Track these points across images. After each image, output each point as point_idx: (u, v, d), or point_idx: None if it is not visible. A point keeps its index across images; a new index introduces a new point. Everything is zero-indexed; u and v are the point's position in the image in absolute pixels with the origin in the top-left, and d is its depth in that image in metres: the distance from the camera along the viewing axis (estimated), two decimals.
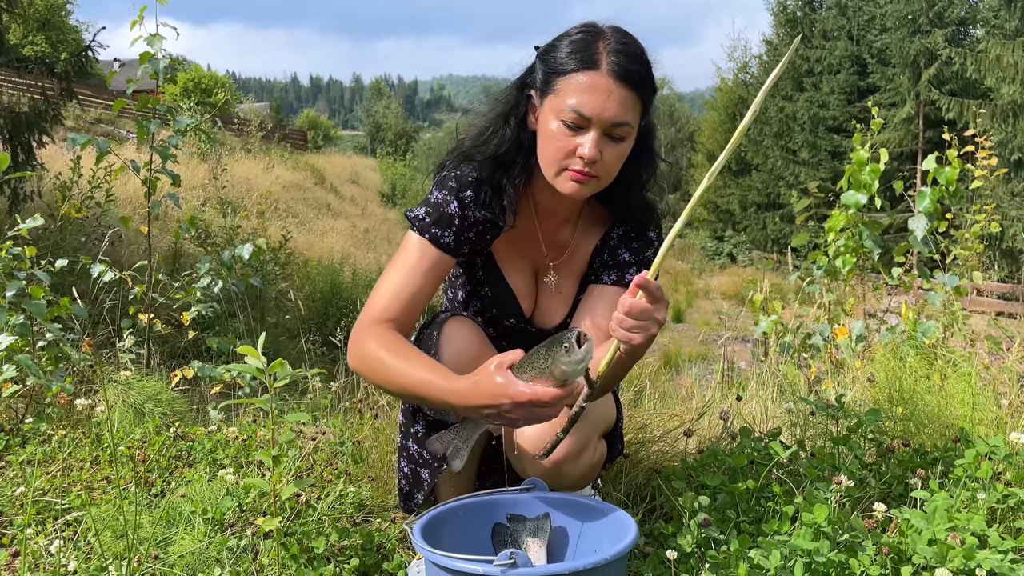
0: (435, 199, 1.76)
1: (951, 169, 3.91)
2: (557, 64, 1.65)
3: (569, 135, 1.63)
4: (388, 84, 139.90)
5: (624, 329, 1.49)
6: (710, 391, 3.57)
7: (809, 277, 4.46)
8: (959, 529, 1.57)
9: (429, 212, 1.75)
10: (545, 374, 1.41)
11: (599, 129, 1.61)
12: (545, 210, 1.87)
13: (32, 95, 8.91)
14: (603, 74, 1.60)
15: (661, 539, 1.82)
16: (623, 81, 1.60)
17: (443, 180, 1.78)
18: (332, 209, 20.12)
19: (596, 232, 1.91)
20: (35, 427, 2.87)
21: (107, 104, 21.39)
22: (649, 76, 1.66)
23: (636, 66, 1.62)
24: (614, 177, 1.71)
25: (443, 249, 1.74)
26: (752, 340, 6.38)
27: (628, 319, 1.47)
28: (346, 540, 1.88)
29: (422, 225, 1.74)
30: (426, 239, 1.74)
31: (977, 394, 2.46)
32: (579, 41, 1.64)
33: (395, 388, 1.61)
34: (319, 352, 6.85)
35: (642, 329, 1.48)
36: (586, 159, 1.62)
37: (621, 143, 1.65)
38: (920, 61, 26.86)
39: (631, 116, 1.63)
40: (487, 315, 1.92)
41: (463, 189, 1.76)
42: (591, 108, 1.60)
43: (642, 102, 1.65)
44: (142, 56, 3.73)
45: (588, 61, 1.61)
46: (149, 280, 4.01)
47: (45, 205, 8.08)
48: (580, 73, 1.61)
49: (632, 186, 1.82)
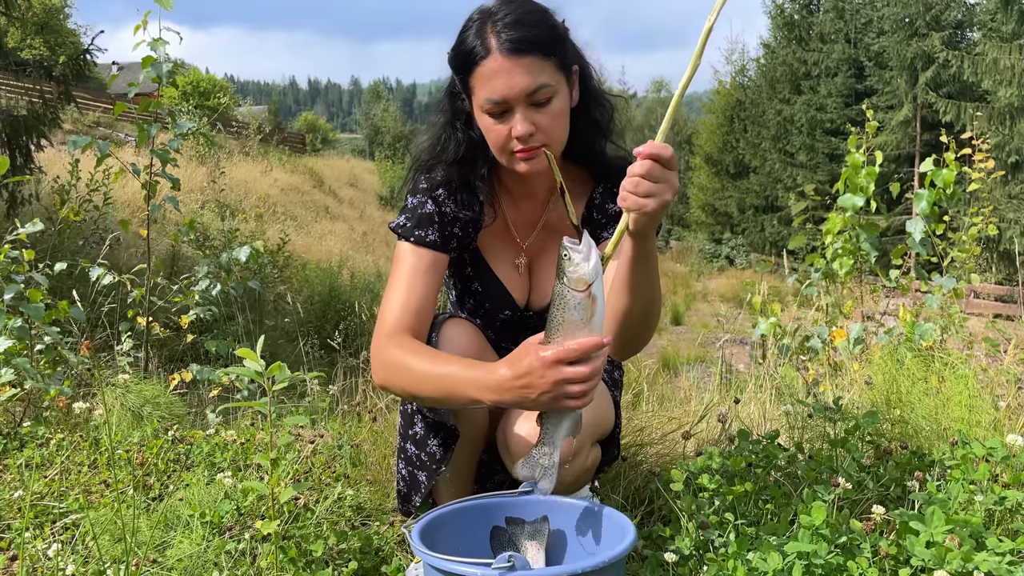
0: (411, 204, 1.81)
1: (948, 172, 3.92)
2: (460, 66, 1.70)
3: (499, 123, 1.66)
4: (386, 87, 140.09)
5: (638, 195, 1.43)
6: (708, 393, 3.57)
7: (807, 280, 4.47)
8: (957, 531, 1.58)
9: (408, 217, 1.80)
10: (568, 321, 1.38)
11: (519, 104, 1.63)
12: (520, 194, 1.89)
13: (30, 98, 8.91)
14: (496, 56, 1.62)
15: (660, 542, 1.82)
16: (517, 53, 1.62)
17: (415, 186, 1.84)
18: (330, 212, 20.13)
19: (580, 200, 1.91)
20: (33, 431, 2.87)
21: (105, 107, 21.39)
22: (544, 32, 1.66)
23: (526, 31, 1.63)
24: (565, 134, 1.72)
25: (432, 247, 1.77)
26: (750, 342, 6.39)
27: (645, 181, 1.42)
28: (344, 543, 1.88)
29: (405, 231, 1.79)
30: (412, 243, 1.77)
31: (975, 396, 2.46)
32: (470, 33, 1.67)
33: (423, 390, 1.61)
34: (317, 355, 6.85)
35: (657, 194, 1.43)
36: (521, 137, 1.64)
37: (550, 104, 1.65)
38: (917, 64, 26.90)
39: (544, 77, 1.63)
40: (481, 311, 1.93)
41: (435, 188, 1.81)
42: (501, 92, 1.62)
43: (551, 57, 1.65)
44: (144, 60, 3.74)
45: (482, 50, 1.64)
46: (148, 283, 4.01)
47: (43, 208, 8.07)
48: (479, 65, 1.65)
49: (594, 133, 1.82)
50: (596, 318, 1.41)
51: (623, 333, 1.67)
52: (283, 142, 27.95)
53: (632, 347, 1.75)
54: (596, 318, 1.41)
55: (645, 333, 1.71)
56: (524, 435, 1.69)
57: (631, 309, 1.63)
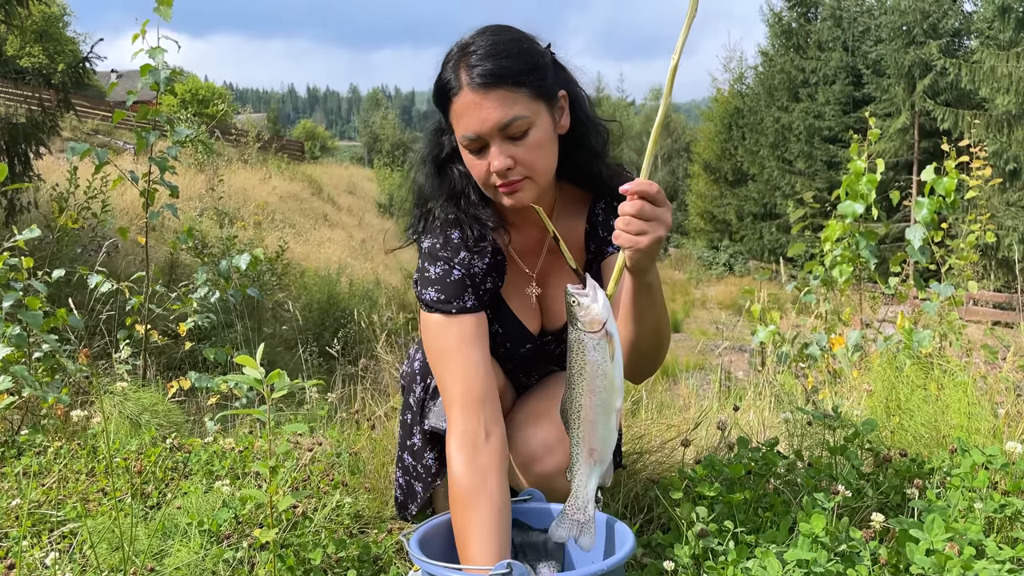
0: (436, 274, 1.72)
1: (949, 180, 3.91)
2: (438, 101, 1.67)
3: (478, 159, 1.62)
4: (385, 95, 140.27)
5: (631, 233, 1.42)
6: (707, 401, 3.57)
7: (806, 287, 4.47)
8: (957, 539, 1.57)
9: (440, 290, 1.71)
10: (591, 362, 1.38)
11: (494, 139, 1.59)
12: (521, 222, 1.83)
13: (29, 106, 8.92)
14: (466, 92, 1.58)
15: (659, 550, 1.82)
16: (486, 88, 1.57)
17: (432, 252, 1.75)
18: (329, 219, 20.14)
19: (579, 218, 1.86)
20: (31, 439, 2.86)
21: (104, 115, 21.41)
22: (516, 62, 1.60)
23: (494, 63, 1.58)
24: (549, 164, 1.67)
25: (472, 312, 1.71)
26: (749, 350, 6.39)
27: (636, 220, 1.41)
28: (343, 551, 1.88)
29: (442, 305, 1.70)
30: (453, 315, 1.70)
31: (973, 403, 2.46)
32: (444, 71, 1.64)
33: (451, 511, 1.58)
34: (316, 362, 6.84)
35: (650, 231, 1.42)
36: (498, 172, 1.60)
37: (526, 136, 1.60)
38: (915, 72, 26.97)
39: (517, 108, 1.58)
40: (501, 350, 1.87)
41: (456, 252, 1.73)
42: (474, 128, 1.58)
43: (524, 88, 1.59)
44: (143, 68, 3.75)
45: (454, 86, 1.60)
46: (147, 291, 4.01)
47: (42, 216, 8.07)
48: (452, 103, 1.61)
49: (589, 158, 1.78)
50: (617, 355, 1.41)
51: (635, 361, 1.65)
52: (282, 150, 27.99)
53: (645, 372, 1.72)
54: (617, 355, 1.41)
55: (656, 359, 1.69)
56: (537, 442, 1.69)
57: (639, 338, 1.61)
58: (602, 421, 1.42)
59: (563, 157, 1.71)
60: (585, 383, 1.40)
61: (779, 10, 33.14)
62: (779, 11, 33.13)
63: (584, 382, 1.40)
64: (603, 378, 1.39)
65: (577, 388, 1.40)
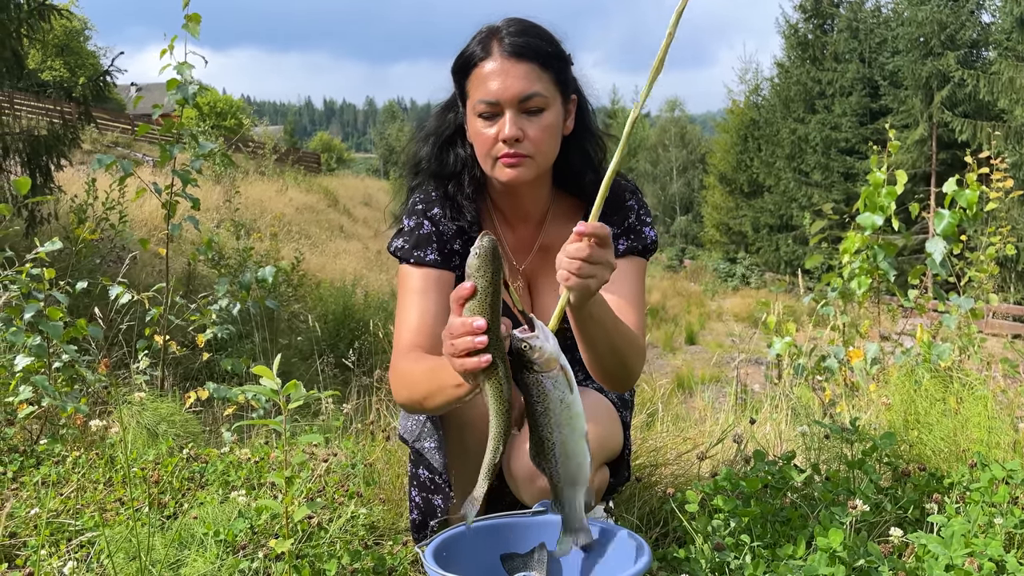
0: (408, 226, 1.83)
1: (971, 192, 3.88)
2: (460, 68, 1.73)
3: (489, 125, 1.68)
4: (401, 107, 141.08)
5: (581, 277, 1.40)
6: (723, 414, 3.55)
7: (823, 299, 4.44)
8: (977, 555, 1.56)
9: (406, 240, 1.81)
10: (554, 399, 1.38)
11: (511, 108, 1.65)
12: (515, 217, 1.88)
13: (51, 119, 9.04)
14: (496, 58, 1.66)
15: (675, 563, 1.81)
16: (518, 57, 1.65)
17: (411, 208, 1.85)
18: (345, 231, 20.23)
19: (571, 225, 1.88)
20: (49, 448, 2.89)
21: (124, 128, 21.65)
22: (548, 45, 1.69)
23: (529, 39, 1.66)
24: (553, 151, 1.72)
25: (433, 266, 1.78)
26: (765, 362, 6.36)
27: (586, 264, 1.40)
28: (358, 563, 1.88)
29: (404, 252, 1.80)
30: (412, 264, 1.79)
31: (993, 417, 2.44)
32: (470, 45, 1.70)
33: (419, 390, 1.59)
34: (331, 373, 6.86)
35: (598, 275, 1.42)
36: (508, 138, 1.65)
37: (541, 115, 1.67)
38: (932, 83, 26.86)
39: (539, 86, 1.66)
40: None
41: (430, 208, 1.83)
42: (495, 92, 1.65)
43: (550, 71, 1.68)
44: (170, 83, 3.80)
45: (482, 53, 1.67)
46: (166, 302, 4.04)
47: (62, 227, 8.16)
48: (478, 67, 1.67)
49: (584, 165, 1.83)
50: (572, 382, 1.40)
51: (602, 375, 1.65)
52: (298, 162, 28.18)
53: (619, 385, 1.71)
54: (572, 382, 1.40)
55: (625, 373, 1.67)
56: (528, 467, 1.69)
57: (600, 362, 1.61)
58: (576, 449, 1.41)
59: (561, 158, 1.77)
60: (552, 420, 1.39)
61: (795, 22, 33.16)
62: (795, 23, 33.13)
63: (551, 419, 1.39)
64: (567, 410, 1.39)
65: (545, 429, 1.39)
